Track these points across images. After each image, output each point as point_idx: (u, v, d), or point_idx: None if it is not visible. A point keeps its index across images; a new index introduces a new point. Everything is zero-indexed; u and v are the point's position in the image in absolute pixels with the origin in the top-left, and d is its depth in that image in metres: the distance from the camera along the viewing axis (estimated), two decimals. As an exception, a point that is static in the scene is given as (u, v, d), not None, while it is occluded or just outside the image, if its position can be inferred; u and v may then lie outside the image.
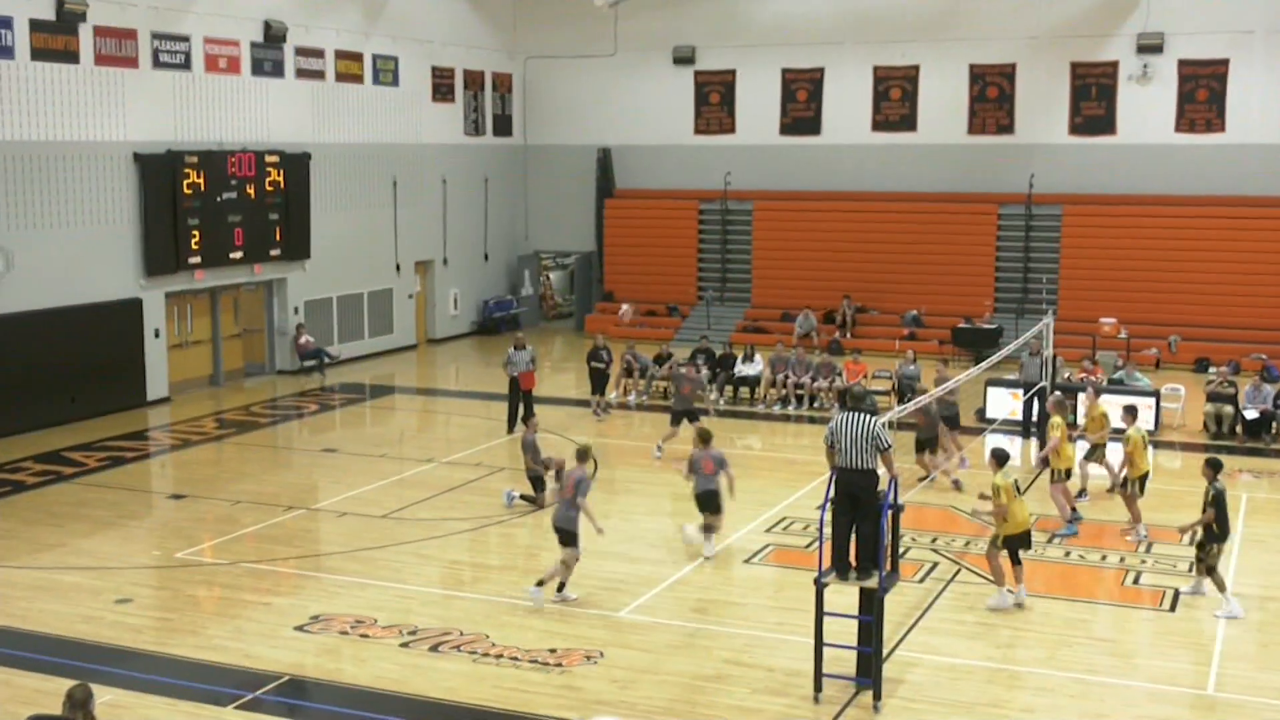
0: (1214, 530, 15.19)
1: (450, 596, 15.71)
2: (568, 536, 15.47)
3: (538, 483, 19.59)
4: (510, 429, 24.74)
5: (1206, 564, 15.26)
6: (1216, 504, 15.13)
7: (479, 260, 39.18)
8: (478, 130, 38.79)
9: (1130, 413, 19.46)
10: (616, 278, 39.64)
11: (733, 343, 32.48)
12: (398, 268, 35.40)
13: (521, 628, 14.52)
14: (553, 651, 13.80)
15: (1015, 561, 15.46)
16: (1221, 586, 15.15)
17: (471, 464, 22.44)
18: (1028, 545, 15.58)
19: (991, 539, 15.66)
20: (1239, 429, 24.75)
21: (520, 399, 24.87)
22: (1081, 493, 20.00)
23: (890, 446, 12.87)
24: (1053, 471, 18.48)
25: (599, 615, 14.95)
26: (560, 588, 15.47)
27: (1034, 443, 24.10)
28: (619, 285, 39.47)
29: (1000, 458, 15.93)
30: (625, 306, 38.07)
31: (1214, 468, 15.42)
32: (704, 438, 17.83)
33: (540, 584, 15.34)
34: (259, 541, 17.87)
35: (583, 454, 15.96)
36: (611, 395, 28.11)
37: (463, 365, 34.36)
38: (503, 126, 40.03)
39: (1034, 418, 24.68)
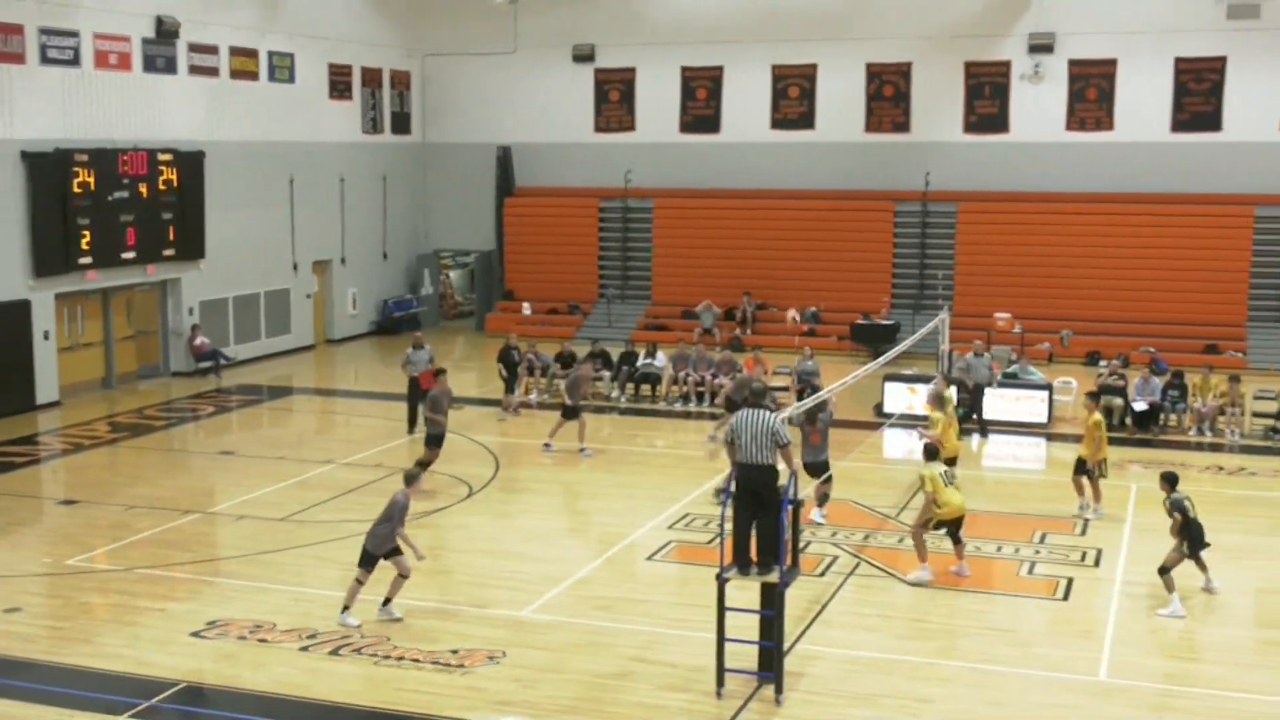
0: (1186, 535, 15.36)
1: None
2: (369, 559, 14.74)
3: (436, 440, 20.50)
4: (411, 429, 24.55)
5: (1161, 564, 15.33)
6: (1179, 512, 15.36)
7: (378, 259, 38.84)
8: (376, 128, 38.45)
9: (1093, 399, 19.97)
10: (517, 276, 39.51)
11: (634, 340, 32.50)
12: (295, 267, 34.97)
13: (423, 629, 14.42)
14: (455, 652, 13.73)
15: (956, 540, 16.22)
16: (1170, 586, 15.20)
17: (371, 465, 22.24)
18: (960, 526, 16.21)
19: (922, 521, 16.17)
20: (1128, 421, 25.31)
21: (420, 399, 24.64)
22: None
23: (789, 442, 12.97)
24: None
25: (501, 615, 14.90)
26: (344, 607, 14.72)
27: (986, 441, 24.47)
28: (520, 284, 39.35)
29: (929, 452, 16.39)
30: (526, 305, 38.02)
31: (1170, 481, 15.66)
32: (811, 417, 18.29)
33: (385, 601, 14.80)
34: (154, 547, 17.55)
35: (410, 478, 15.29)
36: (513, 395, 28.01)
37: (362, 366, 34.06)
38: (401, 124, 39.72)
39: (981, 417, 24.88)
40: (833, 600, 15.48)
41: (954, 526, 16.15)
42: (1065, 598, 15.65)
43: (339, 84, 36.57)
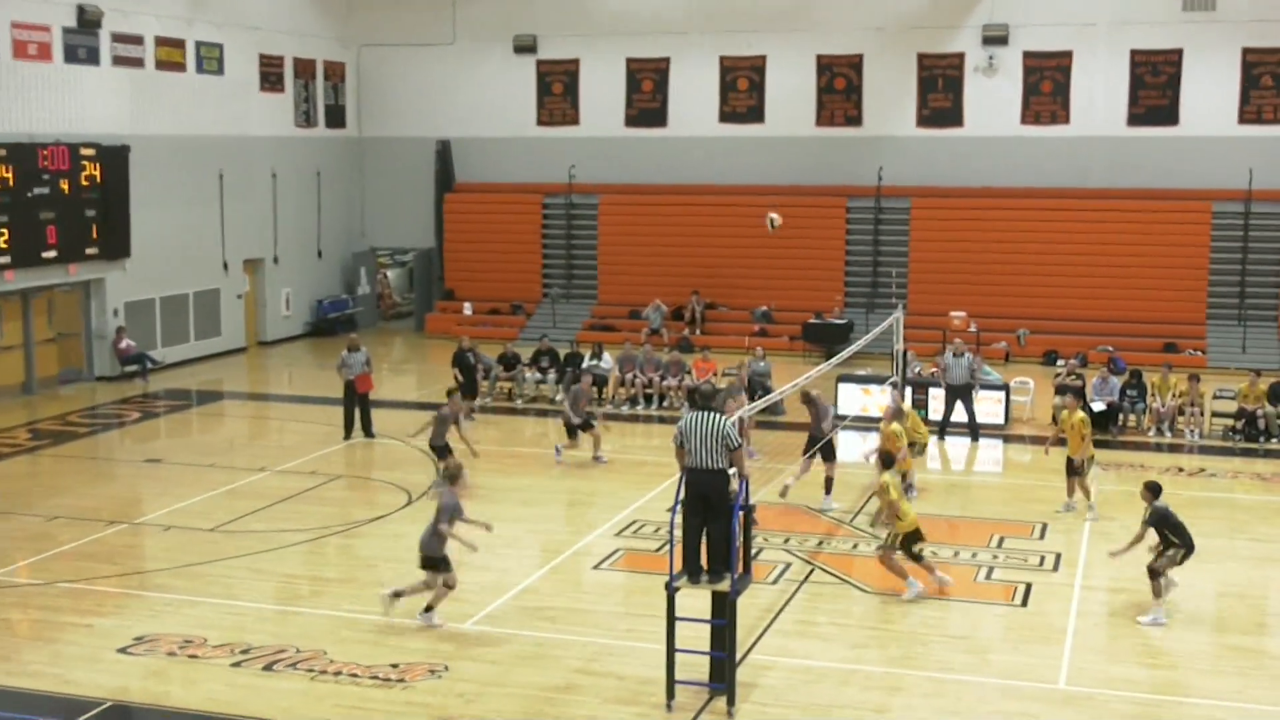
0: (1171, 541, 15.26)
1: (285, 612, 15.43)
2: (430, 562, 15.00)
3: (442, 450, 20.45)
4: (347, 435, 24.44)
5: (1151, 566, 15.25)
6: (1162, 521, 15.21)
7: (312, 258, 38.59)
8: (309, 121, 38.20)
9: (1077, 395, 20.73)
10: (457, 275, 39.37)
11: (579, 341, 32.47)
12: (225, 266, 34.68)
13: (361, 643, 14.33)
14: (395, 666, 13.65)
15: (916, 558, 15.95)
16: (1158, 593, 15.16)
17: (306, 472, 22.09)
18: (921, 539, 16.12)
19: (888, 541, 16.10)
20: (1086, 421, 25.51)
21: (356, 403, 24.58)
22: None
23: (740, 445, 12.99)
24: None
25: (445, 629, 14.81)
26: (427, 609, 15.01)
27: (977, 445, 24.62)
28: (460, 283, 39.22)
29: (886, 461, 16.51)
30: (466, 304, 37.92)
31: (1153, 491, 15.48)
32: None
33: (427, 609, 14.93)
34: (78, 559, 17.34)
35: (452, 476, 15.40)
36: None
37: (296, 369, 33.84)
38: (336, 118, 39.49)
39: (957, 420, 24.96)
40: (786, 608, 15.52)
41: (911, 541, 16.05)
42: (1024, 603, 15.78)
43: (270, 75, 36.30)
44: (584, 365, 28.31)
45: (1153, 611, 15.09)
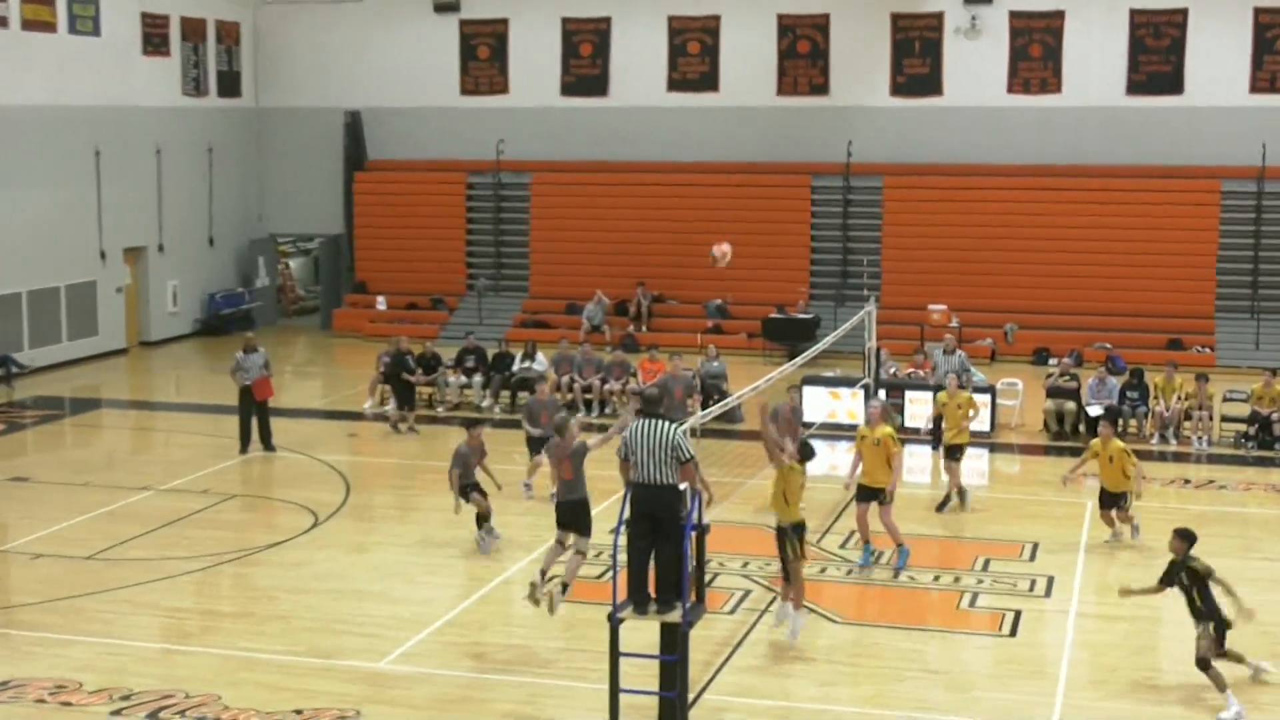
0: (1199, 609, 14.34)
1: (173, 652, 15.33)
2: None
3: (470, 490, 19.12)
4: (244, 447, 24.29)
5: (1199, 655, 14.12)
6: (1196, 582, 14.26)
7: (203, 246, 38.34)
8: (199, 90, 37.94)
9: (1110, 420, 21.22)
10: (370, 265, 39.23)
11: (509, 339, 32.44)
12: (103, 256, 34.43)
13: (260, 686, 14.25)
14: (299, 713, 13.58)
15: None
16: (1221, 685, 13.86)
17: (197, 491, 21.95)
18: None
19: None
20: (1082, 427, 25.75)
21: (254, 412, 24.43)
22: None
23: (693, 458, 13.01)
24: (864, 489, 18.27)
25: (354, 667, 14.77)
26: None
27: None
28: (373, 274, 39.08)
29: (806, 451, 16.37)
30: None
31: (1186, 540, 14.50)
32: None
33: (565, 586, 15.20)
34: (-68, 593, 17.16)
35: (560, 426, 16.57)
36: (366, 404, 27.85)
37: (185, 373, 33.63)
38: (230, 85, 39.24)
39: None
40: (745, 641, 15.55)
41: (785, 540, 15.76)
42: (1012, 633, 15.89)
43: (154, 37, 36.02)
44: (514, 367, 28.30)
45: (1228, 708, 13.75)
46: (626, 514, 12.99)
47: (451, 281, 38.57)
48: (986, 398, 26.12)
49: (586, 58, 38.47)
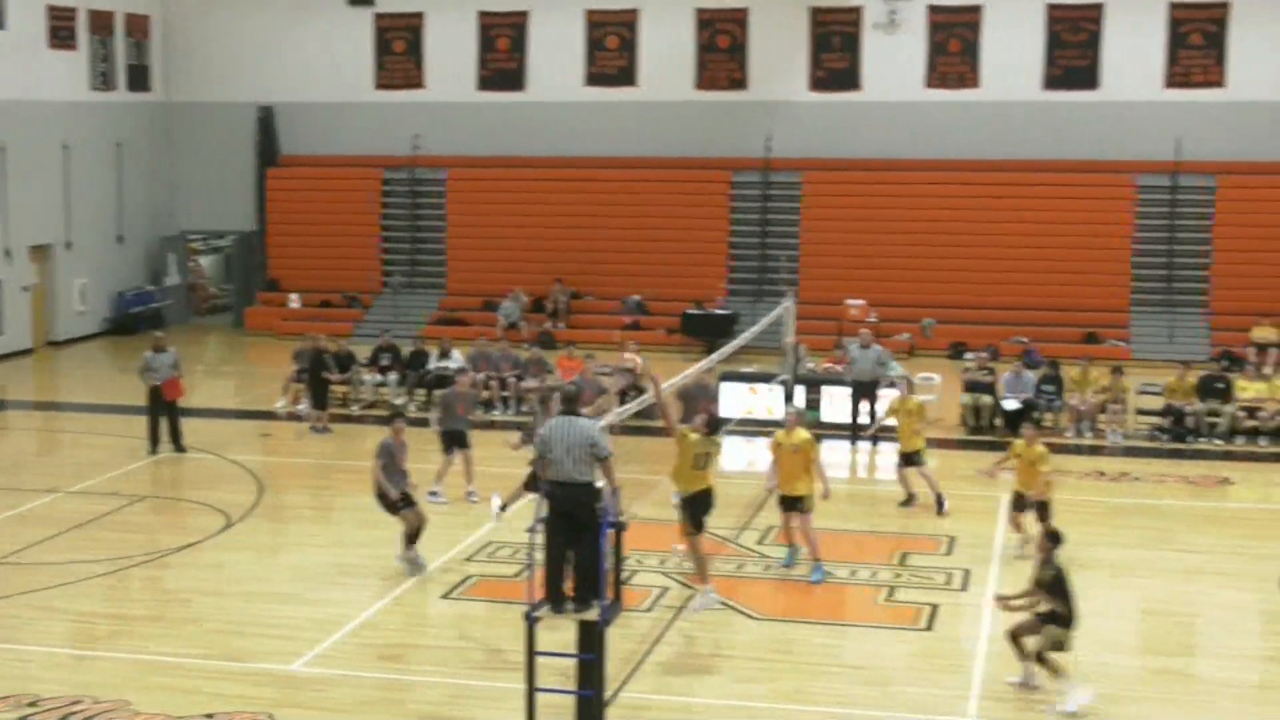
0: (1054, 613, 14.14)
1: (81, 657, 15.15)
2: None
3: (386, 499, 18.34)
4: (154, 448, 24.08)
5: (1014, 630, 14.40)
6: (1054, 589, 14.11)
7: (111, 244, 37.96)
8: (107, 84, 37.53)
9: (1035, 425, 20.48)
10: (283, 262, 38.98)
11: (425, 337, 32.34)
12: (7, 254, 34.06)
13: (171, 690, 14.12)
14: (210, 717, 13.47)
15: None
16: (1056, 671, 13.88)
17: (105, 493, 21.73)
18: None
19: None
20: (998, 421, 26.03)
21: (164, 412, 24.22)
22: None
23: (611, 454, 13.05)
24: (785, 499, 18.06)
25: (267, 670, 14.67)
26: None
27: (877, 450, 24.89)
28: (286, 271, 38.83)
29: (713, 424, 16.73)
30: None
31: (1054, 540, 14.52)
32: None
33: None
34: None
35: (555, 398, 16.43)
36: (279, 404, 27.69)
37: (93, 373, 33.32)
38: (139, 80, 38.84)
39: (867, 420, 25.06)
40: (663, 639, 15.59)
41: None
42: (929, 627, 16.03)
43: (60, 30, 35.59)
44: (430, 365, 28.21)
45: (1070, 694, 13.74)
46: (543, 512, 13.00)
47: (366, 279, 38.38)
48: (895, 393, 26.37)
49: (503, 52, 38.39)
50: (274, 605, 16.64)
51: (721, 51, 37.40)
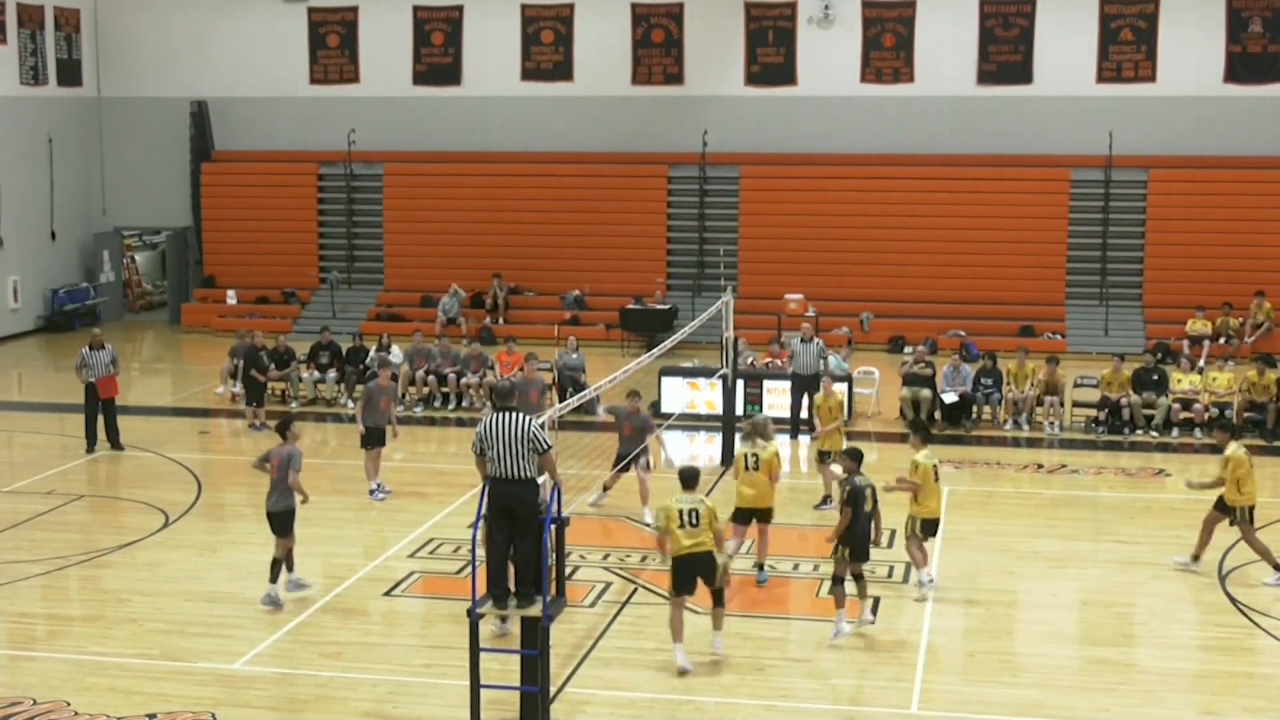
0: (844, 532, 15.44)
1: (18, 658, 15.03)
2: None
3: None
4: (90, 447, 23.88)
5: (835, 573, 15.47)
6: (852, 502, 15.37)
7: (44, 240, 37.57)
8: (37, 79, 37.12)
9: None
10: (219, 259, 38.70)
11: (363, 333, 32.19)
12: (-62, 251, 33.63)
13: (111, 690, 14.02)
14: (152, 717, 13.38)
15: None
16: (840, 602, 15.31)
17: (41, 493, 21.53)
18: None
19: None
20: (937, 414, 26.19)
21: (100, 410, 23.99)
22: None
23: (550, 448, 13.04)
24: (741, 511, 17.70)
25: (208, 669, 14.59)
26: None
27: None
28: (222, 268, 38.55)
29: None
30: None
31: (854, 458, 15.75)
32: None
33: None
34: None
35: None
36: (218, 389, 27.67)
37: (27, 370, 33.07)
38: (70, 74, 38.44)
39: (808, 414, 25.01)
40: (606, 634, 15.61)
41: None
42: (871, 620, 16.11)
43: (-11, 24, 35.21)
44: (369, 360, 28.06)
45: (840, 622, 15.30)
46: (484, 509, 12.99)
47: (303, 275, 38.17)
48: (843, 386, 26.47)
49: (438, 46, 38.25)
50: (214, 604, 16.54)
51: (657, 46, 37.42)
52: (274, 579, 16.43)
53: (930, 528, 17.12)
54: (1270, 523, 19.00)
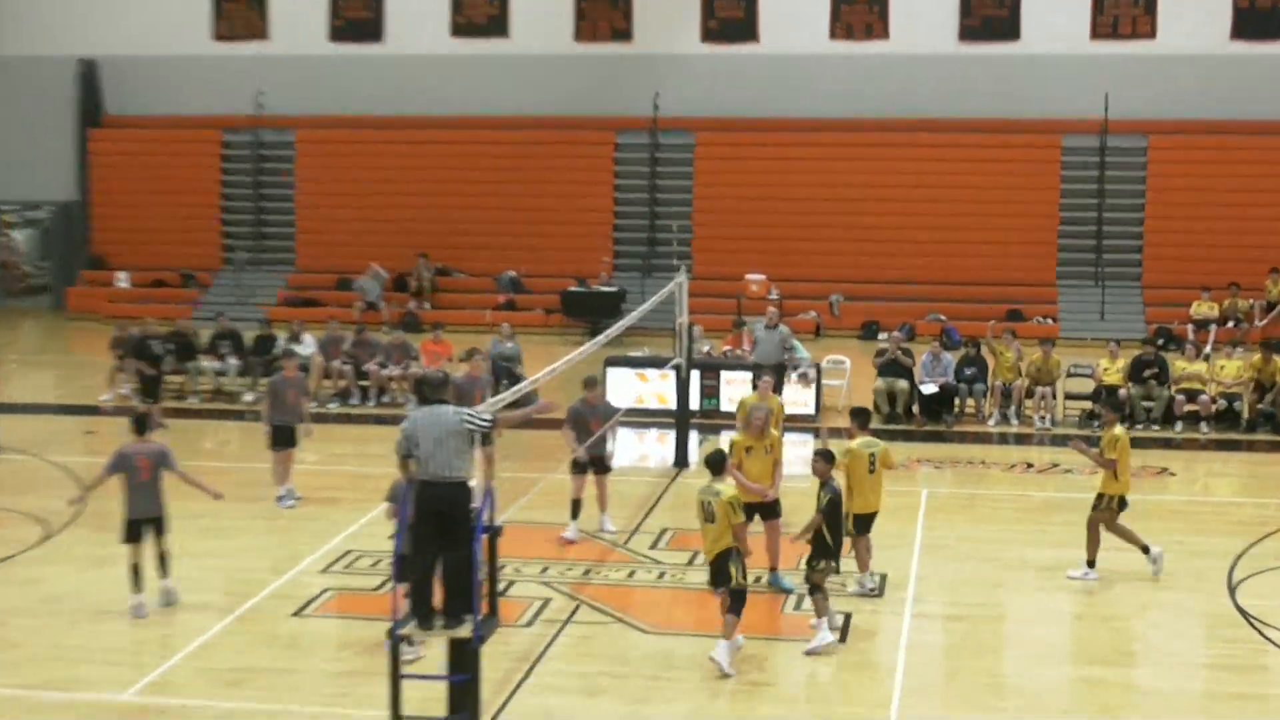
0: (825, 542, 15.62)
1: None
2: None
3: None
4: (-35, 445, 23.73)
5: (811, 581, 15.67)
6: (832, 510, 15.63)
7: (-89, 216, 37.24)
8: (-98, 34, 36.78)
9: (861, 423, 18.34)
10: (110, 236, 38.49)
11: (272, 320, 32.04)
12: None
13: (-18, 725, 13.85)
14: (29, 755, 13.22)
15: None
16: (822, 611, 15.56)
17: (-93, 499, 21.29)
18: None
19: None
20: (915, 408, 26.20)
21: (-25, 406, 23.83)
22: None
23: (494, 421, 12.98)
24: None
25: (95, 700, 14.43)
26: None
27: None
28: (113, 247, 38.31)
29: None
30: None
31: (828, 460, 15.96)
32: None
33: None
34: None
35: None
36: (104, 396, 27.33)
37: (-109, 364, 32.64)
38: (-61, 29, 38.11)
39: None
40: (545, 657, 15.50)
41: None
42: (842, 639, 16.04)
43: None
44: (278, 350, 27.87)
45: (818, 636, 15.52)
46: (410, 516, 12.83)
47: (205, 254, 38.02)
48: (812, 375, 26.46)
49: (357, -2, 38.14)
50: (102, 626, 16.34)
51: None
52: (140, 586, 16.47)
53: (863, 524, 17.15)
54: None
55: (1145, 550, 17.64)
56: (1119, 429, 17.75)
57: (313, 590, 17.57)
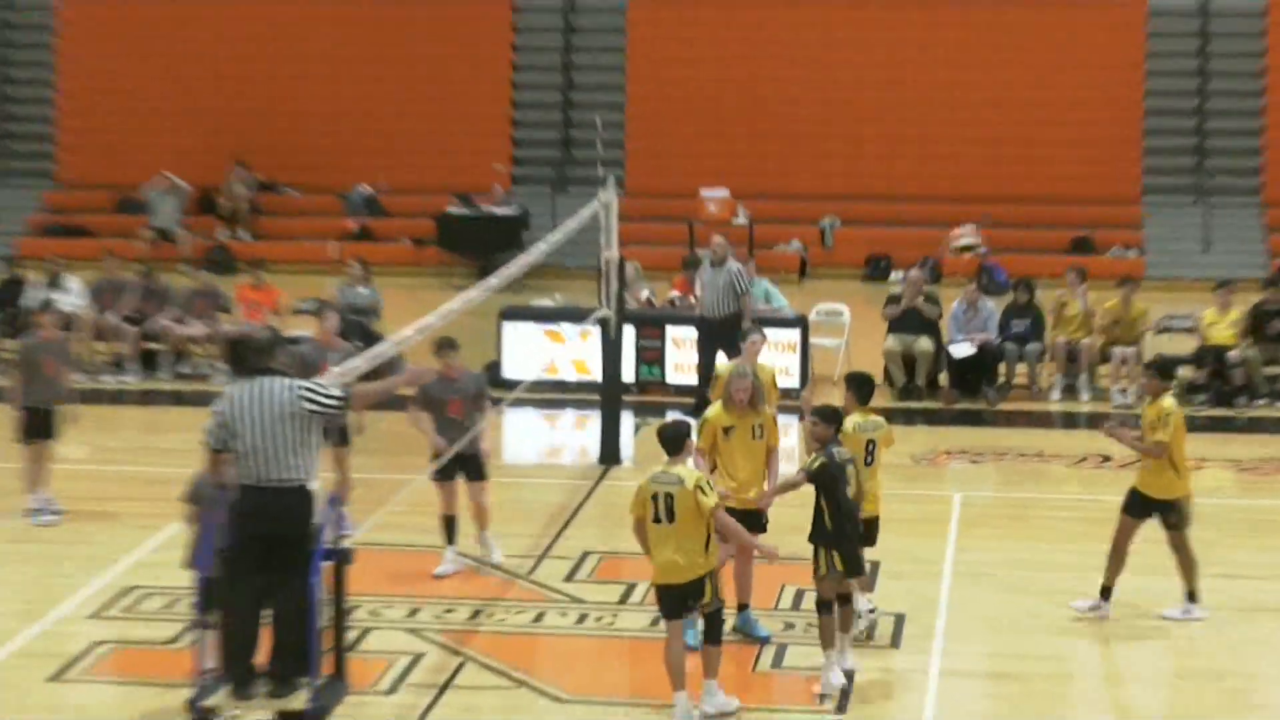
0: (824, 526, 15.52)
1: None
2: None
3: None
4: None
5: (819, 595, 15.73)
6: (826, 480, 15.38)
7: None
8: None
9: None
10: None
11: (22, 257, 31.85)
12: None
13: None
14: None
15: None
16: (829, 640, 15.56)
17: None
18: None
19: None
20: (943, 377, 26.09)
21: None
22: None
23: (347, 396, 13.23)
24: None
25: None
26: None
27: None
28: None
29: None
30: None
31: (829, 420, 15.67)
32: None
33: None
34: None
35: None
36: None
37: None
38: None
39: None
40: (414, 735, 15.41)
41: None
42: (840, 709, 15.94)
43: None
44: (30, 300, 27.71)
45: (830, 669, 15.58)
46: (228, 538, 12.68)
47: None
48: (795, 334, 26.35)
49: None
50: None
51: None
52: None
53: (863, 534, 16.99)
54: None
55: (1190, 596, 17.76)
56: (1168, 400, 17.73)
57: (79, 644, 17.43)
